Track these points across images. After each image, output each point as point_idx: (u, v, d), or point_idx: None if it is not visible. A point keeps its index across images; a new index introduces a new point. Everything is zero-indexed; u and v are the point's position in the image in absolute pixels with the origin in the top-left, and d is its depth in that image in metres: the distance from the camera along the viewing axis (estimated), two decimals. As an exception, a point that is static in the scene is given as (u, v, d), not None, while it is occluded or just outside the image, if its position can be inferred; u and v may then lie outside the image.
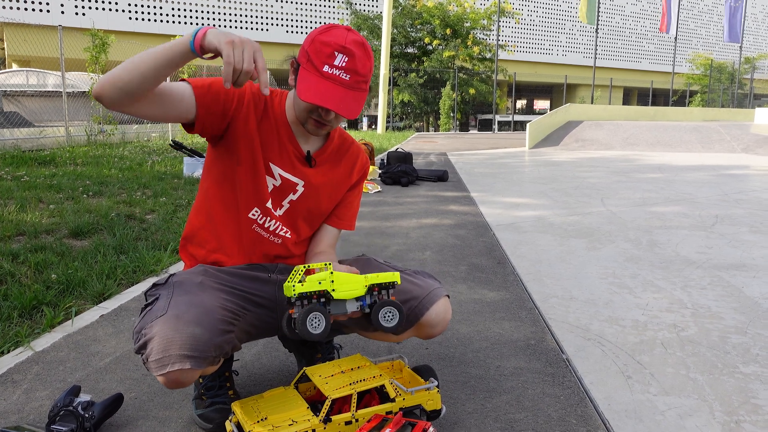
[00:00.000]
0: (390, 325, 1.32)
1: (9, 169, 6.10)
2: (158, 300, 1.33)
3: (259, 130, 1.47)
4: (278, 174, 1.50)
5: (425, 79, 26.80)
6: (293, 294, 1.24)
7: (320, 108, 1.38)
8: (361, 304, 1.32)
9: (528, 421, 1.55)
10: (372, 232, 4.04)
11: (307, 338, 1.25)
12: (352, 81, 1.34)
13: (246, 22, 31.80)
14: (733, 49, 43.74)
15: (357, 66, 1.34)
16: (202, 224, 1.53)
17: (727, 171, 8.36)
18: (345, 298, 1.29)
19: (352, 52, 1.33)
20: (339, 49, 1.32)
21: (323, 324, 1.25)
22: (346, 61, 1.33)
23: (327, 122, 1.42)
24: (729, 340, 2.12)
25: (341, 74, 1.33)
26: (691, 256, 3.38)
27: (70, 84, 11.17)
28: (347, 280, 1.29)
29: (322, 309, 1.25)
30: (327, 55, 1.32)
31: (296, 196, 1.53)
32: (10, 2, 26.19)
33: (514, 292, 2.71)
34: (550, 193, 5.99)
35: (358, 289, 1.29)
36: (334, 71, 1.33)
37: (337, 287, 1.27)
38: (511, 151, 12.72)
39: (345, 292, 1.28)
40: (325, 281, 1.26)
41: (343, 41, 1.33)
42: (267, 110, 1.48)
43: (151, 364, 1.24)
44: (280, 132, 1.49)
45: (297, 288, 1.24)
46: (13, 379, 1.76)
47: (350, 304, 1.31)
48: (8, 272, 2.68)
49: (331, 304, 1.29)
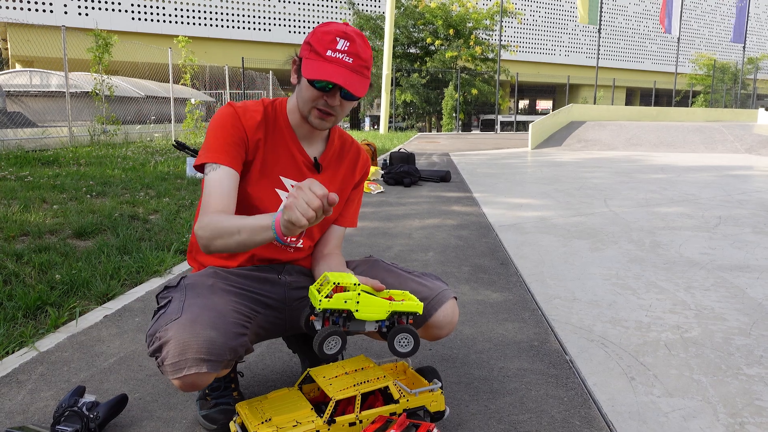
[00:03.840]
0: (404, 350, 1.33)
1: (13, 169, 6.12)
2: (171, 303, 1.34)
3: (266, 148, 1.48)
4: (290, 186, 1.51)
5: (428, 80, 26.82)
6: (318, 307, 1.25)
7: (325, 95, 1.39)
8: (380, 325, 1.34)
9: (532, 423, 1.55)
10: (375, 233, 4.05)
11: (319, 355, 1.27)
12: (355, 64, 1.37)
13: (248, 22, 31.83)
14: (736, 49, 43.66)
15: (358, 50, 1.37)
16: None
17: (731, 171, 8.35)
18: (366, 319, 1.31)
19: (353, 37, 1.37)
20: (340, 34, 1.36)
21: (339, 345, 1.28)
22: (348, 45, 1.36)
23: (332, 110, 1.42)
24: (733, 342, 2.12)
25: (344, 57, 1.36)
26: (694, 257, 3.38)
27: (74, 84, 11.19)
28: (372, 303, 1.30)
29: (341, 333, 1.28)
30: (329, 41, 1.36)
31: None
32: (14, 2, 26.26)
33: (517, 293, 2.70)
34: (552, 194, 5.98)
35: (380, 314, 1.31)
36: (337, 54, 1.36)
37: (361, 308, 1.29)
38: (514, 152, 12.71)
39: (367, 314, 1.30)
40: (350, 301, 1.28)
41: (343, 28, 1.38)
42: (268, 125, 1.49)
43: (166, 367, 1.24)
44: (286, 140, 1.50)
45: (323, 303, 1.25)
46: (18, 380, 1.76)
47: (369, 324, 1.33)
48: (13, 273, 2.68)
49: (351, 321, 1.31)
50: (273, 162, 1.48)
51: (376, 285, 1.36)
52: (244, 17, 31.68)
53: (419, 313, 1.36)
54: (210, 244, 1.32)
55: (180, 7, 30.11)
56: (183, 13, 30.25)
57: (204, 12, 30.72)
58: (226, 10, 31.17)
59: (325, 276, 1.33)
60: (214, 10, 30.89)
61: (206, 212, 1.36)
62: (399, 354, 1.33)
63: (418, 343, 1.33)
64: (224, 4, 31.08)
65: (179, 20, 30.14)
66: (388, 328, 1.34)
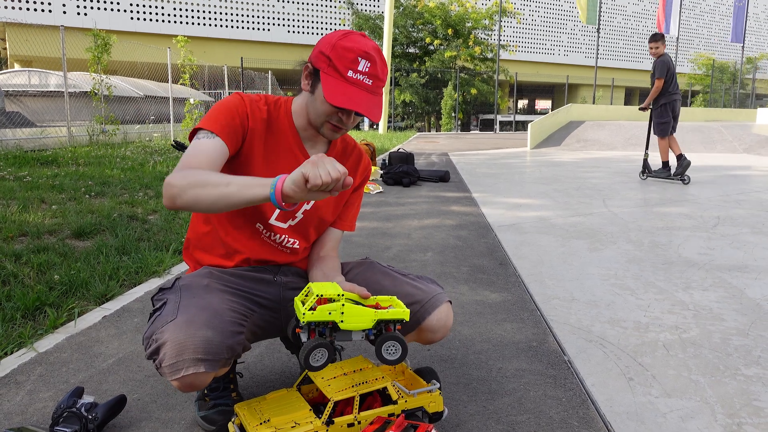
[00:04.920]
0: (392, 358, 1.33)
1: (11, 169, 6.11)
2: (166, 304, 1.34)
3: (266, 149, 1.47)
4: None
5: (427, 79, 26.80)
6: (303, 320, 1.25)
7: (341, 112, 1.39)
8: (367, 333, 1.33)
9: (530, 423, 1.55)
10: (374, 233, 4.05)
11: (306, 368, 1.27)
12: (374, 86, 1.38)
13: (248, 22, 31.82)
14: (735, 49, 43.70)
15: (378, 71, 1.38)
16: (208, 231, 1.53)
17: (729, 171, 8.35)
18: (352, 330, 1.31)
19: (374, 58, 1.37)
20: (362, 54, 1.35)
21: (325, 358, 1.27)
22: (369, 66, 1.36)
23: (344, 126, 1.43)
24: (731, 342, 2.12)
25: (365, 79, 1.36)
26: (692, 257, 3.38)
27: (72, 84, 11.18)
28: (357, 313, 1.30)
29: (326, 345, 1.27)
30: (351, 60, 1.35)
31: (310, 205, 1.54)
32: (12, 2, 26.23)
33: (516, 293, 2.71)
34: (551, 194, 5.99)
35: (365, 323, 1.31)
36: (359, 76, 1.35)
37: (346, 319, 1.29)
38: (513, 152, 12.71)
39: (353, 324, 1.30)
40: (335, 312, 1.27)
41: (365, 47, 1.36)
42: (271, 124, 1.48)
43: (164, 369, 1.24)
44: (290, 141, 1.49)
45: (307, 316, 1.25)
46: (17, 381, 1.76)
47: (356, 333, 1.33)
48: (11, 273, 2.68)
49: (337, 332, 1.30)
50: (275, 163, 1.48)
51: (363, 293, 1.36)
52: (243, 17, 31.66)
53: (406, 320, 1.35)
54: (182, 193, 1.21)
55: (179, 7, 30.08)
56: (182, 13, 30.22)
57: (203, 12, 30.69)
58: (225, 9, 31.14)
59: (309, 288, 1.32)
60: (212, 10, 30.86)
61: (187, 166, 1.28)
62: (387, 362, 1.32)
63: (406, 351, 1.33)
64: (223, 3, 31.05)
65: (178, 20, 30.12)
66: (376, 336, 1.33)
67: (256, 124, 1.44)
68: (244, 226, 1.50)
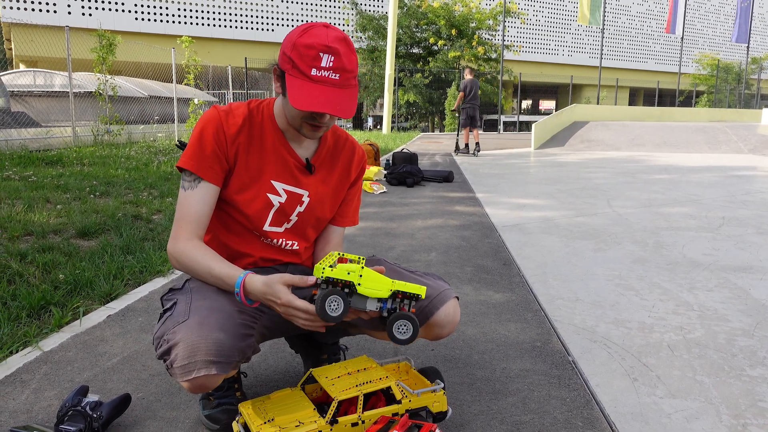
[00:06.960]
0: (403, 337, 1.30)
1: (17, 169, 6.14)
2: (177, 305, 1.34)
3: (250, 153, 1.44)
4: (282, 189, 1.48)
5: (430, 80, 26.78)
6: (321, 276, 1.24)
7: (315, 112, 1.34)
8: (381, 306, 1.31)
9: (534, 423, 1.55)
10: (377, 233, 4.05)
11: (323, 319, 1.24)
12: (342, 79, 1.31)
13: (251, 22, 31.86)
14: (739, 49, 43.54)
15: (344, 63, 1.30)
16: (209, 239, 1.52)
17: (734, 172, 8.32)
18: (368, 295, 1.29)
19: (337, 50, 1.29)
20: (323, 49, 1.28)
21: (341, 308, 1.25)
22: (333, 60, 1.28)
23: (323, 124, 1.38)
24: (736, 343, 2.12)
25: (330, 74, 1.29)
26: (697, 257, 3.37)
27: (77, 84, 11.23)
28: (375, 279, 1.29)
29: (342, 294, 1.25)
30: (312, 58, 1.28)
31: (303, 207, 1.52)
32: (17, 3, 26.34)
33: (520, 293, 2.70)
34: (555, 194, 5.98)
35: (382, 291, 1.29)
36: (323, 73, 1.28)
37: (364, 282, 1.27)
38: (517, 152, 12.70)
39: (369, 289, 1.28)
40: (354, 273, 1.26)
41: (326, 40, 1.28)
42: (253, 126, 1.45)
43: (176, 370, 1.24)
44: (275, 145, 1.46)
45: (326, 272, 1.24)
46: (22, 379, 1.77)
47: (371, 302, 1.30)
48: (17, 272, 2.69)
49: (353, 296, 1.29)
50: (263, 167, 1.45)
51: (380, 270, 1.35)
52: (247, 17, 31.70)
53: (422, 297, 1.33)
54: (180, 270, 1.43)
55: (183, 8, 30.14)
56: (186, 14, 30.28)
57: (207, 12, 30.75)
58: (229, 10, 31.19)
59: (331, 253, 1.34)
60: (217, 11, 30.91)
61: (180, 236, 1.39)
62: (397, 341, 1.30)
63: (417, 332, 1.30)
64: (227, 4, 31.10)
65: (182, 20, 30.18)
66: (389, 313, 1.32)
67: (234, 139, 1.42)
68: (243, 233, 1.50)
